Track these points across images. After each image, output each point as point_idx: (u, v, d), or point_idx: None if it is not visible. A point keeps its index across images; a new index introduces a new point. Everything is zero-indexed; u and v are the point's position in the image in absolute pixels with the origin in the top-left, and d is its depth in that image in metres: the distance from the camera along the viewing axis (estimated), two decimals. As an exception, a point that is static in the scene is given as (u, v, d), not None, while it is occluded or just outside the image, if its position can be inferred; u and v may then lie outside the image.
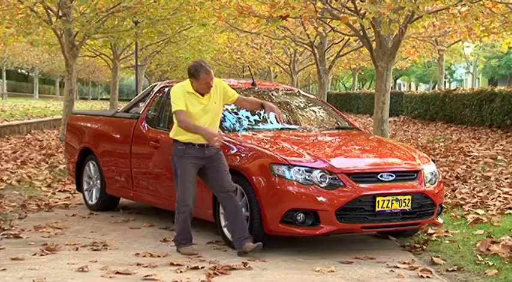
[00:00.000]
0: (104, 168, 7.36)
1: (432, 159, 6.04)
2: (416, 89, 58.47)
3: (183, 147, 5.42)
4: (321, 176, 5.32)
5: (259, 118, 6.28)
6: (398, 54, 20.33)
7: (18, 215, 7.05)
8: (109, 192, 7.34)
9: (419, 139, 15.70)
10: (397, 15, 9.75)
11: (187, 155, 5.40)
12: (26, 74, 63.94)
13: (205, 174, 5.46)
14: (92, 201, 7.57)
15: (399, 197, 5.41)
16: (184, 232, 5.45)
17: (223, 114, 6.17)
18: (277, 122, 5.82)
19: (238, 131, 6.02)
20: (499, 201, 7.43)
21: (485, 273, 4.85)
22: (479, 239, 5.79)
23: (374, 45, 11.02)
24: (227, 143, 5.80)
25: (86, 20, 14.21)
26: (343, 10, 10.78)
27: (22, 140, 14.69)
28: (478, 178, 9.07)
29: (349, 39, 17.39)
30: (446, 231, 6.17)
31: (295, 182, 5.29)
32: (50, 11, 14.32)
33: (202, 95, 5.44)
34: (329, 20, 13.64)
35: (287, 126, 6.25)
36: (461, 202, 7.48)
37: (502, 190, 8.02)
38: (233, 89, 5.79)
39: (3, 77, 49.05)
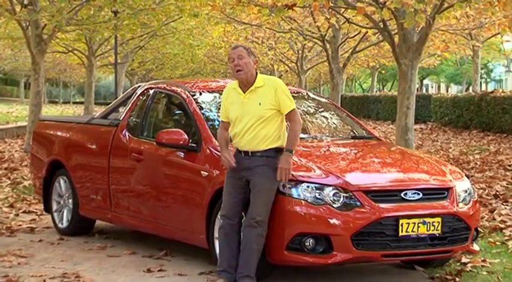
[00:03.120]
0: (76, 185, 7.36)
1: (466, 175, 6.04)
2: (447, 91, 58.53)
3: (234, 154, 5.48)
4: (334, 194, 5.32)
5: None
6: (425, 50, 20.35)
7: (-25, 240, 7.05)
8: (83, 214, 7.34)
9: (450, 150, 15.71)
10: (424, 4, 9.79)
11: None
12: (-16, 73, 64.09)
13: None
14: (62, 224, 7.57)
15: (427, 220, 5.40)
16: (224, 254, 5.38)
17: (217, 121, 6.18)
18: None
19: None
20: (546, 224, 7.42)
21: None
22: (523, 269, 5.78)
23: (396, 39, 11.05)
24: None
25: (56, 10, 14.26)
26: (360, -2, 10.83)
27: (-20, 152, 14.72)
28: (520, 197, 9.07)
29: (366, 32, 17.44)
30: (484, 260, 6.16)
31: (303, 202, 5.29)
32: (13, -1, 14.40)
33: (245, 91, 5.43)
34: (343, 9, 13.68)
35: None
36: (501, 225, 7.46)
37: (549, 211, 8.02)
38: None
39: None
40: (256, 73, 5.45)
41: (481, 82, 45.67)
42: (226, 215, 5.39)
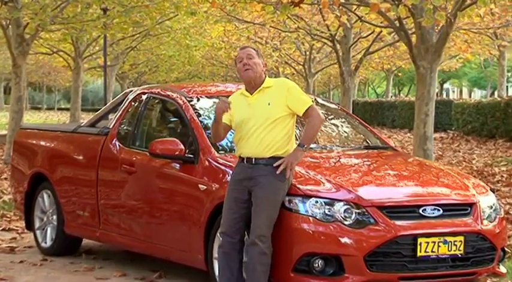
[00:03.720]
0: (61, 200, 7.37)
1: (491, 189, 6.04)
2: (470, 96, 58.53)
3: (236, 164, 5.48)
4: (345, 211, 5.33)
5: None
6: (446, 51, 20.34)
7: (-51, 261, 7.06)
8: (68, 232, 7.34)
9: (473, 162, 15.69)
10: (444, 0, 9.80)
11: (234, 175, 5.46)
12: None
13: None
14: (45, 243, 7.57)
15: (448, 238, 5.40)
16: (223, 275, 5.37)
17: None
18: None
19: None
20: None
21: None
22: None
23: (414, 39, 11.06)
24: (222, 167, 5.82)
25: (39, 7, 14.31)
26: (373, -6, 10.85)
27: (-45, 163, 14.74)
28: (551, 213, 9.04)
29: (381, 31, 17.46)
30: (511, 283, 6.15)
31: (311, 218, 5.30)
32: (-8, -4, 14.44)
33: (252, 93, 5.46)
34: (355, 7, 13.70)
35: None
36: (530, 245, 7.44)
37: None
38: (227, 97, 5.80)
39: None
40: (265, 76, 5.49)
41: (507, 86, 45.65)
42: (226, 232, 5.39)
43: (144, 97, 7.01)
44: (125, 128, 6.98)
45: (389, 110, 32.47)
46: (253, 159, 5.35)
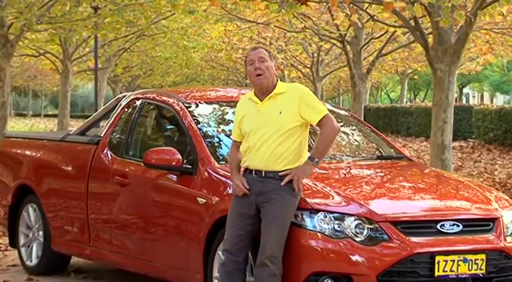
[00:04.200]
0: (48, 215, 7.37)
1: (515, 202, 6.03)
2: (492, 102, 58.51)
3: (242, 175, 5.46)
4: (356, 226, 5.32)
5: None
6: (466, 52, 20.33)
7: None
8: (56, 249, 7.33)
9: (496, 173, 15.68)
10: (464, -2, 9.81)
11: None
12: None
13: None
14: (31, 261, 7.56)
15: (468, 257, 5.39)
16: None
17: (217, 137, 6.20)
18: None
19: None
20: None
21: None
22: None
23: (431, 40, 11.07)
24: (223, 179, 5.82)
25: (25, 6, 14.34)
26: (386, -9, 10.87)
27: None
28: None
29: (395, 31, 17.48)
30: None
31: (319, 235, 5.29)
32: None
33: (262, 99, 5.43)
34: (367, 5, 13.72)
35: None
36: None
37: None
38: (229, 104, 5.83)
39: None
40: (277, 80, 5.48)
41: (532, 91, 45.63)
42: (230, 250, 5.38)
43: (138, 103, 7.01)
44: (117, 136, 6.98)
45: (404, 117, 32.47)
46: (263, 172, 5.34)
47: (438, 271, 5.32)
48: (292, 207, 5.31)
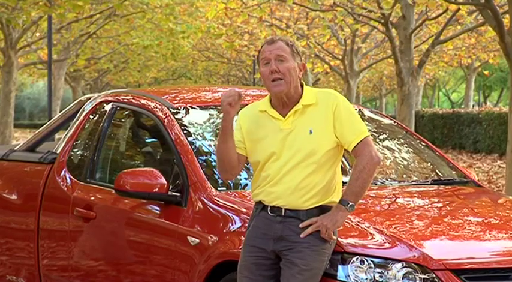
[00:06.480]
0: (-15, 260, 7.42)
1: None
2: None
3: (254, 211, 5.40)
4: (405, 276, 5.34)
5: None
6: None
7: None
8: (-5, 306, 7.38)
9: None
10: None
11: (252, 228, 5.36)
12: None
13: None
14: (-39, 322, 7.61)
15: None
16: None
17: (215, 155, 6.24)
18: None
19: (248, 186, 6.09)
20: None
21: None
22: None
23: (507, 21, 11.11)
24: (223, 211, 5.86)
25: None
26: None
27: None
28: None
29: (458, 10, 17.52)
30: None
31: (355, 287, 5.33)
32: None
33: (285, 114, 5.32)
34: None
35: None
36: None
37: None
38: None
39: None
40: (302, 84, 5.35)
41: None
42: None
43: (107, 108, 7.05)
44: (79, 153, 7.02)
45: (470, 126, 32.46)
46: (284, 210, 5.30)
47: None
48: (326, 256, 5.27)
